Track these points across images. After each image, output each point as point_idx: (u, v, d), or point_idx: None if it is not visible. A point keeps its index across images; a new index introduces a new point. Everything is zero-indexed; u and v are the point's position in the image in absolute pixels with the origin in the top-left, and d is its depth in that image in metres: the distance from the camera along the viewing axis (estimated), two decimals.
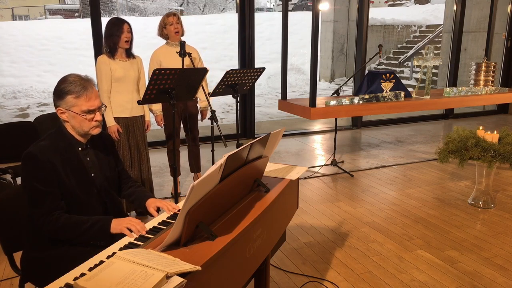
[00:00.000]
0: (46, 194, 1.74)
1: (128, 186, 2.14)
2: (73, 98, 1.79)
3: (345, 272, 2.78)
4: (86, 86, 1.81)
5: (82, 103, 1.80)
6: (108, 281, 1.21)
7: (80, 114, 1.81)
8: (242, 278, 1.62)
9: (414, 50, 13.87)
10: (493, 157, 3.48)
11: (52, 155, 1.77)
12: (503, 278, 2.71)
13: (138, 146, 3.49)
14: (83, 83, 1.81)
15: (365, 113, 4.78)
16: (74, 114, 1.81)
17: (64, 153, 1.82)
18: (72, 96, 1.79)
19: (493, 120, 7.61)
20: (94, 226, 1.76)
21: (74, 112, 1.81)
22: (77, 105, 1.80)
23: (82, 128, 1.84)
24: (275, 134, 2.02)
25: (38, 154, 1.74)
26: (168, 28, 3.76)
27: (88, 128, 1.85)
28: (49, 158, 1.75)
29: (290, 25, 5.03)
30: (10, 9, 22.54)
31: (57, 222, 1.74)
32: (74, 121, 1.83)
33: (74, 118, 1.82)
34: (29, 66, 13.70)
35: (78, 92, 1.79)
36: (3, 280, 2.71)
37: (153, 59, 3.80)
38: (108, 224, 1.76)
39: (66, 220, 1.75)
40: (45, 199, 1.74)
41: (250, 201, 1.84)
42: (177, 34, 3.76)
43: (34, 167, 1.74)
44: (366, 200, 4.01)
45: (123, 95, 3.36)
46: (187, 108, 4.01)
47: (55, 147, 1.80)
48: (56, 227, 1.74)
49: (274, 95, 11.94)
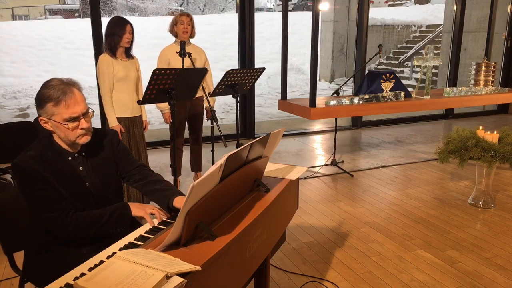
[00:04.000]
0: (49, 197, 1.68)
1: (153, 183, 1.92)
2: (52, 106, 1.63)
3: (345, 272, 2.78)
4: (66, 90, 1.64)
5: (62, 110, 1.63)
6: (108, 281, 1.21)
7: (62, 123, 1.64)
8: (242, 278, 1.62)
9: (414, 50, 13.87)
10: (493, 157, 3.48)
11: (39, 166, 1.66)
12: (503, 278, 2.71)
13: (137, 146, 3.49)
14: (63, 88, 1.64)
15: (365, 113, 4.78)
16: (56, 124, 1.65)
17: (53, 163, 1.70)
18: (51, 104, 1.63)
19: (493, 120, 7.60)
20: (113, 215, 1.76)
21: (55, 121, 1.65)
22: (58, 113, 1.63)
23: (68, 138, 1.70)
24: (275, 134, 2.02)
25: (23, 165, 1.63)
26: (178, 26, 3.81)
27: (74, 138, 1.70)
28: (36, 168, 1.64)
29: (290, 25, 5.03)
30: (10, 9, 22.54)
31: (77, 221, 1.70)
32: (58, 131, 1.68)
33: (57, 128, 1.67)
34: (29, 66, 13.70)
35: (56, 99, 1.62)
36: (3, 280, 2.71)
37: (161, 58, 3.82)
38: (126, 209, 1.77)
39: (85, 217, 1.73)
40: (51, 202, 1.68)
41: (250, 201, 1.84)
42: (185, 34, 3.81)
43: (24, 177, 1.65)
44: (366, 200, 4.01)
45: (125, 95, 3.36)
46: (194, 107, 4.04)
47: (42, 156, 1.68)
48: (78, 226, 1.70)
49: (274, 95, 11.94)
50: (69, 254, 1.78)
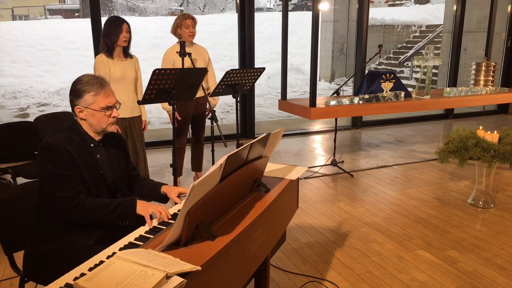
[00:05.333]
0: (69, 178, 1.79)
1: (143, 184, 2.17)
2: (91, 96, 1.85)
3: (345, 272, 2.78)
4: (103, 84, 1.89)
5: (100, 100, 1.86)
6: (108, 281, 1.21)
7: (99, 111, 1.87)
8: (242, 278, 1.62)
9: (414, 50, 13.86)
10: (493, 157, 3.48)
11: (68, 146, 1.82)
12: (503, 278, 2.71)
13: (135, 147, 3.48)
14: (100, 81, 1.89)
15: (365, 113, 4.78)
16: (93, 112, 1.87)
17: (78, 146, 1.86)
18: (90, 94, 1.85)
19: (493, 120, 7.61)
20: (119, 206, 1.83)
21: (93, 109, 1.86)
22: (96, 102, 1.86)
23: (100, 125, 1.90)
24: (275, 134, 2.02)
25: (55, 144, 1.79)
26: (183, 30, 3.81)
27: (106, 125, 1.91)
28: (66, 148, 1.80)
29: (290, 25, 5.03)
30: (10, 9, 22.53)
31: (84, 204, 1.80)
32: (92, 119, 1.88)
33: (92, 116, 1.88)
34: (29, 66, 13.69)
35: (96, 90, 1.86)
36: (3, 280, 2.71)
37: (166, 59, 3.82)
38: (133, 204, 1.83)
39: (92, 202, 1.82)
40: (70, 183, 1.79)
41: (250, 201, 1.84)
42: (191, 38, 3.84)
43: (53, 155, 1.78)
44: (366, 200, 4.01)
45: (122, 96, 3.34)
46: (199, 107, 4.04)
47: (70, 139, 1.85)
48: (83, 210, 1.79)
49: (274, 95, 11.94)
50: (75, 244, 1.81)
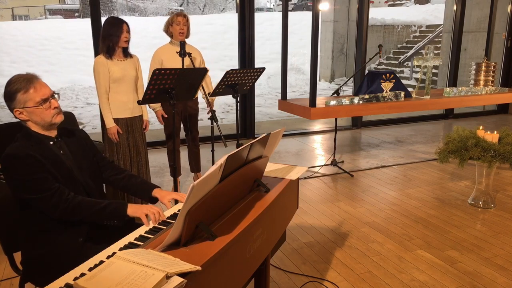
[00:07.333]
0: (43, 180, 1.77)
1: (121, 177, 2.13)
2: (23, 94, 1.81)
3: (345, 272, 2.78)
4: (31, 79, 1.84)
5: (32, 95, 1.81)
6: (108, 281, 1.21)
7: (37, 107, 1.82)
8: (242, 278, 1.62)
9: (414, 50, 13.87)
10: (493, 157, 3.48)
11: (29, 151, 1.78)
12: (503, 278, 2.71)
13: (137, 147, 3.48)
14: (27, 77, 1.83)
15: (365, 113, 4.77)
16: (31, 109, 1.83)
17: (37, 148, 1.82)
18: (21, 93, 1.81)
19: (493, 120, 7.61)
20: (108, 206, 1.83)
21: (29, 107, 1.82)
22: (30, 98, 1.81)
23: (45, 119, 1.86)
24: (275, 134, 2.02)
25: (16, 153, 1.75)
26: (174, 27, 3.79)
27: (50, 118, 1.87)
28: (27, 153, 1.76)
29: (290, 25, 5.03)
30: (10, 9, 22.54)
31: (73, 200, 1.79)
32: (34, 116, 1.84)
33: (33, 113, 1.84)
34: (29, 66, 13.69)
35: (26, 86, 1.81)
36: (3, 280, 2.71)
37: (155, 58, 3.82)
38: (123, 207, 1.83)
39: (82, 199, 1.82)
40: (45, 184, 1.77)
41: (250, 201, 1.84)
42: (181, 35, 3.79)
43: (18, 164, 1.74)
44: (366, 200, 4.01)
45: (122, 96, 3.34)
46: (187, 109, 4.02)
47: (27, 145, 1.81)
48: (72, 205, 1.79)
49: (274, 95, 11.94)
50: (67, 244, 1.81)
